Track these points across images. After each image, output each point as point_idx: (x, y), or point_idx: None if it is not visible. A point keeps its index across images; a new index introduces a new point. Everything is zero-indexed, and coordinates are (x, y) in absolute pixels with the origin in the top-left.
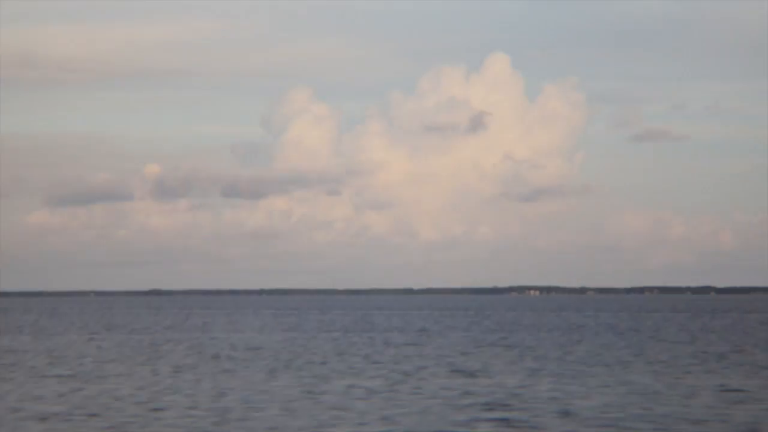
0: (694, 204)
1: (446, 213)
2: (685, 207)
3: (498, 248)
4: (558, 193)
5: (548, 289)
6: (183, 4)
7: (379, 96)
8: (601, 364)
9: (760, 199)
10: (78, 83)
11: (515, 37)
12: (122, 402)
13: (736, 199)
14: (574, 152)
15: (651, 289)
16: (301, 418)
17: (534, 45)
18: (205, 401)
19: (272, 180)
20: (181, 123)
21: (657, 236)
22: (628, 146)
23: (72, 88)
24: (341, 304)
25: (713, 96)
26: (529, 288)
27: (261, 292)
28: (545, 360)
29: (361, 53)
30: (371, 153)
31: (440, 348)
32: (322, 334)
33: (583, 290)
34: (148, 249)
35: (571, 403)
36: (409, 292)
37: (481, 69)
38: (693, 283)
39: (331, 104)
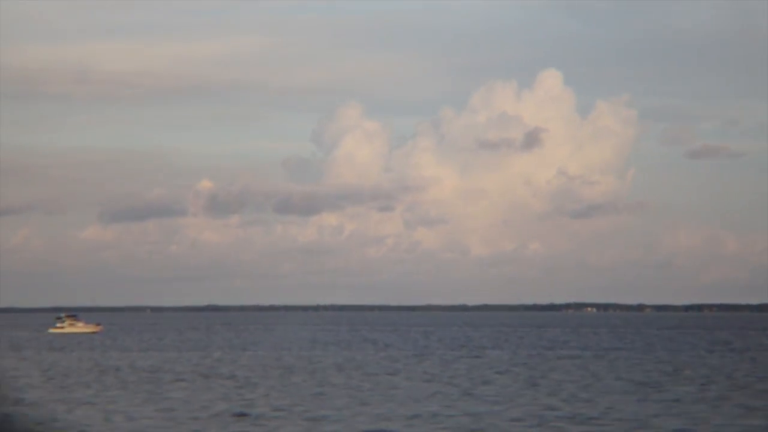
0: (749, 220)
1: (497, 229)
2: (739, 223)
3: (551, 265)
4: (611, 210)
5: (605, 306)
6: (236, 21)
7: (430, 112)
8: None
9: None
10: (132, 99)
11: (567, 54)
12: None
13: None
14: (626, 169)
15: (710, 306)
16: None
17: (586, 61)
18: None
19: (324, 196)
20: (233, 139)
21: (711, 253)
22: (683, 163)
23: (126, 104)
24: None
25: (766, 113)
26: (586, 305)
27: (317, 308)
28: None
29: (412, 69)
30: (422, 169)
31: None
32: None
33: (641, 307)
34: (200, 264)
35: None
36: (463, 308)
37: (533, 85)
38: (748, 300)
39: (381, 120)
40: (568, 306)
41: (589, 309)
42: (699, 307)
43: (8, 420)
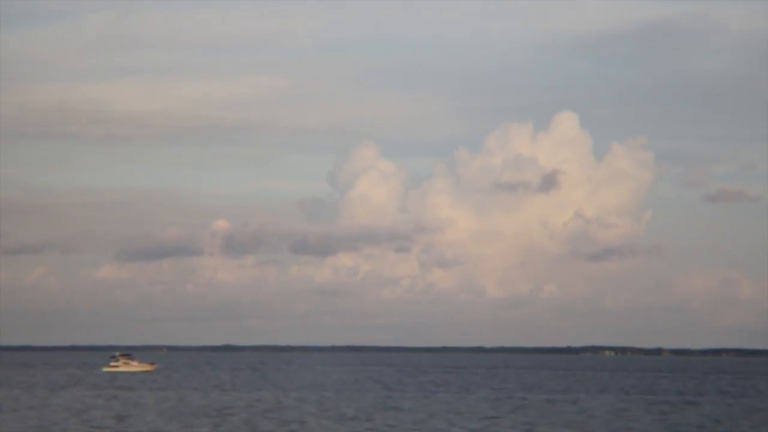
0: (765, 264)
1: (513, 271)
2: (755, 268)
3: (566, 307)
4: (627, 253)
5: (623, 350)
6: (251, 61)
7: (445, 153)
8: None
9: None
10: (147, 139)
11: (583, 96)
12: None
13: None
14: (643, 211)
15: (727, 351)
16: None
17: (602, 103)
18: None
19: (340, 237)
20: (248, 179)
21: (727, 297)
22: (699, 206)
23: (142, 144)
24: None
25: None
26: (604, 348)
27: (332, 348)
28: None
29: (428, 110)
30: (438, 210)
31: None
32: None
33: (658, 351)
34: (215, 304)
35: None
36: (479, 350)
37: (549, 127)
38: (764, 345)
39: (397, 161)
40: (585, 349)
41: (607, 352)
42: (716, 352)
43: None
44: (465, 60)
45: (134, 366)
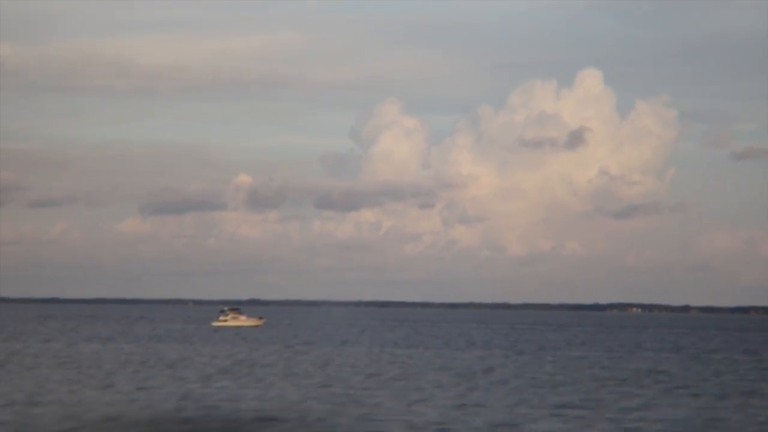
0: None
1: (535, 228)
2: None
3: (589, 264)
4: (651, 210)
5: (650, 307)
6: (275, 16)
7: (468, 110)
8: None
9: None
10: (171, 93)
11: (607, 53)
12: None
13: None
14: (666, 169)
15: (756, 308)
16: None
17: (626, 61)
18: None
19: (363, 192)
20: (271, 134)
21: (752, 255)
22: (725, 164)
23: (165, 98)
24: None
25: None
26: (630, 305)
27: (358, 303)
28: None
29: (452, 67)
30: (460, 167)
31: None
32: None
33: (686, 308)
34: (237, 259)
35: None
36: (506, 306)
37: (573, 84)
38: None
39: (420, 117)
40: (612, 306)
41: (634, 309)
42: (746, 309)
43: None
44: (489, 17)
45: (243, 320)
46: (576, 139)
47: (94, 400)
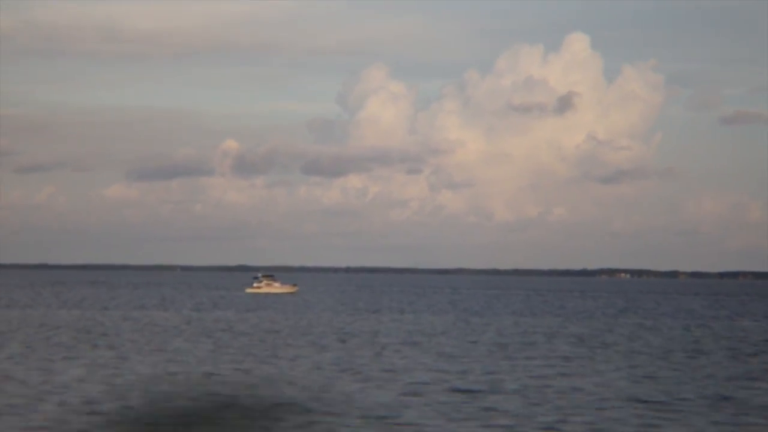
0: None
1: (523, 193)
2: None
3: (576, 230)
4: (639, 175)
5: (639, 273)
6: None
7: (455, 75)
8: None
9: None
10: (159, 58)
11: (594, 17)
12: None
13: None
14: (653, 134)
15: (745, 273)
16: None
17: (613, 25)
18: None
19: (349, 158)
20: (258, 99)
21: (740, 220)
22: (713, 129)
23: (153, 63)
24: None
25: None
26: (619, 271)
27: (347, 269)
28: None
29: (438, 32)
30: (447, 132)
31: None
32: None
33: (674, 274)
34: (223, 225)
35: None
36: (494, 272)
37: (560, 49)
38: None
39: (407, 82)
40: (601, 272)
41: (623, 275)
42: (735, 275)
43: None
44: None
45: (277, 287)
46: (564, 104)
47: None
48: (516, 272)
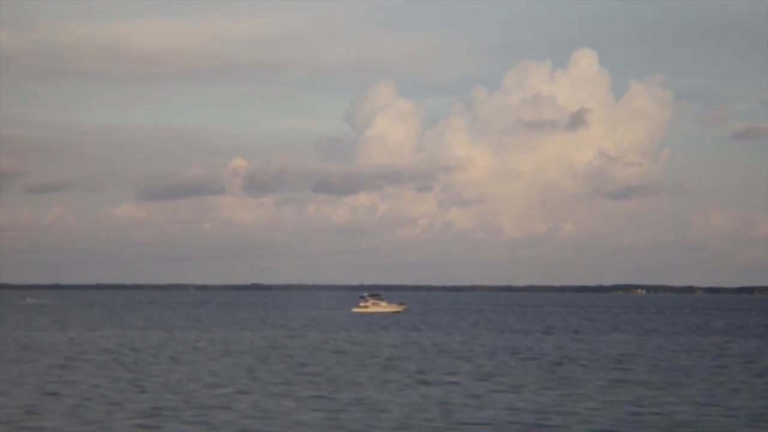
0: None
1: (532, 210)
2: None
3: (589, 246)
4: (649, 191)
5: (655, 288)
6: (268, 0)
7: (463, 92)
8: None
9: None
10: (165, 78)
11: (602, 33)
12: None
13: None
14: (661, 150)
15: (762, 289)
16: None
17: (620, 41)
18: None
19: (358, 176)
20: (265, 118)
21: (752, 235)
22: (723, 144)
23: (159, 83)
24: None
25: None
26: (635, 287)
27: (361, 287)
28: None
29: (445, 49)
30: (455, 149)
31: None
32: None
33: (690, 289)
34: (232, 244)
35: None
36: (509, 289)
37: (567, 65)
38: None
39: (414, 100)
40: (616, 288)
41: (639, 291)
42: (750, 290)
43: None
44: None
45: (384, 306)
46: (576, 120)
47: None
48: (531, 288)
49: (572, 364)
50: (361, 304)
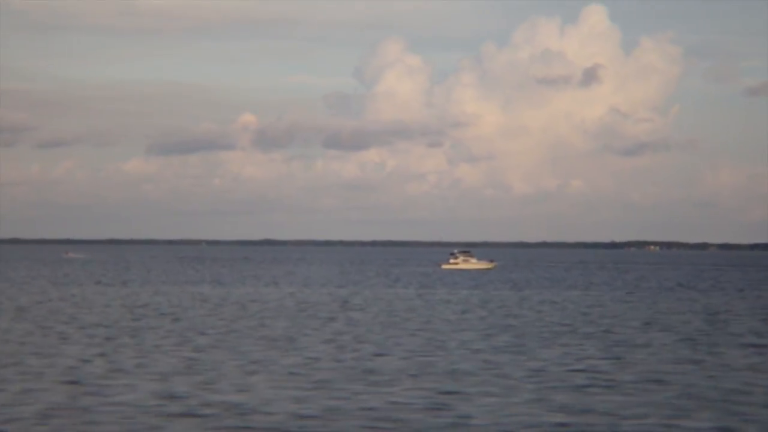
0: None
1: (540, 166)
2: None
3: (601, 202)
4: (661, 147)
5: (668, 245)
6: None
7: (472, 48)
8: None
9: None
10: (176, 32)
11: None
12: None
13: None
14: (670, 106)
15: None
16: None
17: None
18: None
19: (367, 132)
20: (275, 73)
21: (763, 192)
22: (734, 100)
23: (169, 37)
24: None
25: None
26: (648, 243)
27: (374, 243)
28: None
29: (454, 5)
30: (464, 105)
31: None
32: None
33: (704, 246)
34: (243, 199)
35: None
36: (523, 245)
37: (578, 21)
38: None
39: (423, 56)
40: (629, 244)
41: (652, 248)
42: (764, 246)
43: None
44: None
45: (474, 263)
46: (589, 76)
47: None
48: (543, 245)
49: None
50: (451, 260)
